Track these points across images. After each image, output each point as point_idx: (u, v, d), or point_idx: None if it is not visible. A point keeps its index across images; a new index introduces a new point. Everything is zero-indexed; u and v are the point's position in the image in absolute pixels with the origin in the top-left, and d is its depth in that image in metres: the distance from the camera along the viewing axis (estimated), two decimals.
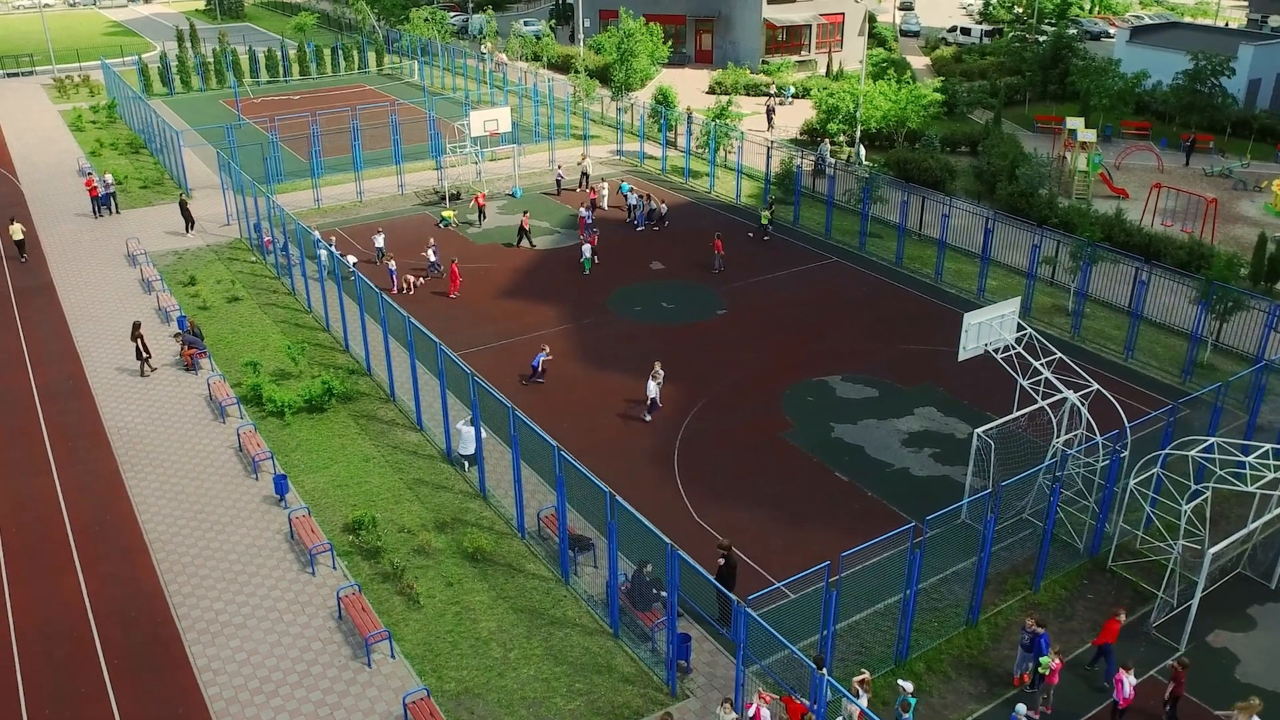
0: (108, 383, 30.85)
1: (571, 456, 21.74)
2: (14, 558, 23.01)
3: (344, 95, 68.18)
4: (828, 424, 28.91)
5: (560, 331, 34.18)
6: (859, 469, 26.78)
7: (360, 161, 48.08)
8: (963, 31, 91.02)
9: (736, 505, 25.05)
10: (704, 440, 27.91)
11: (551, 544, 23.46)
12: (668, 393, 30.16)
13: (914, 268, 39.70)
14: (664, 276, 38.79)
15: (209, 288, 37.42)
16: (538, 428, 22.88)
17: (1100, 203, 46.13)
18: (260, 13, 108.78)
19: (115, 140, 56.92)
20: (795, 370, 31.72)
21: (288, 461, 26.55)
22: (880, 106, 53.06)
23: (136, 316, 34.82)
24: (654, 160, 53.88)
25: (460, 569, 22.56)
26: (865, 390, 30.69)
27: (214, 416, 28.82)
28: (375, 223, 44.11)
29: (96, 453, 27.20)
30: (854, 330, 34.50)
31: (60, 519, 24.45)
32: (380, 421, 28.59)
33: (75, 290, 37.61)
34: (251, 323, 34.77)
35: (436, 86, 70.34)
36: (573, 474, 21.92)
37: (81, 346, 33.18)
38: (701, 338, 33.84)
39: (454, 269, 37.06)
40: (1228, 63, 57.85)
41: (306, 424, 28.36)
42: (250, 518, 24.32)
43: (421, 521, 24.16)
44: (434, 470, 26.33)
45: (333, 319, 34.55)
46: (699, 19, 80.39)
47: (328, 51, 75.36)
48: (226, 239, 42.64)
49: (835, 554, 23.04)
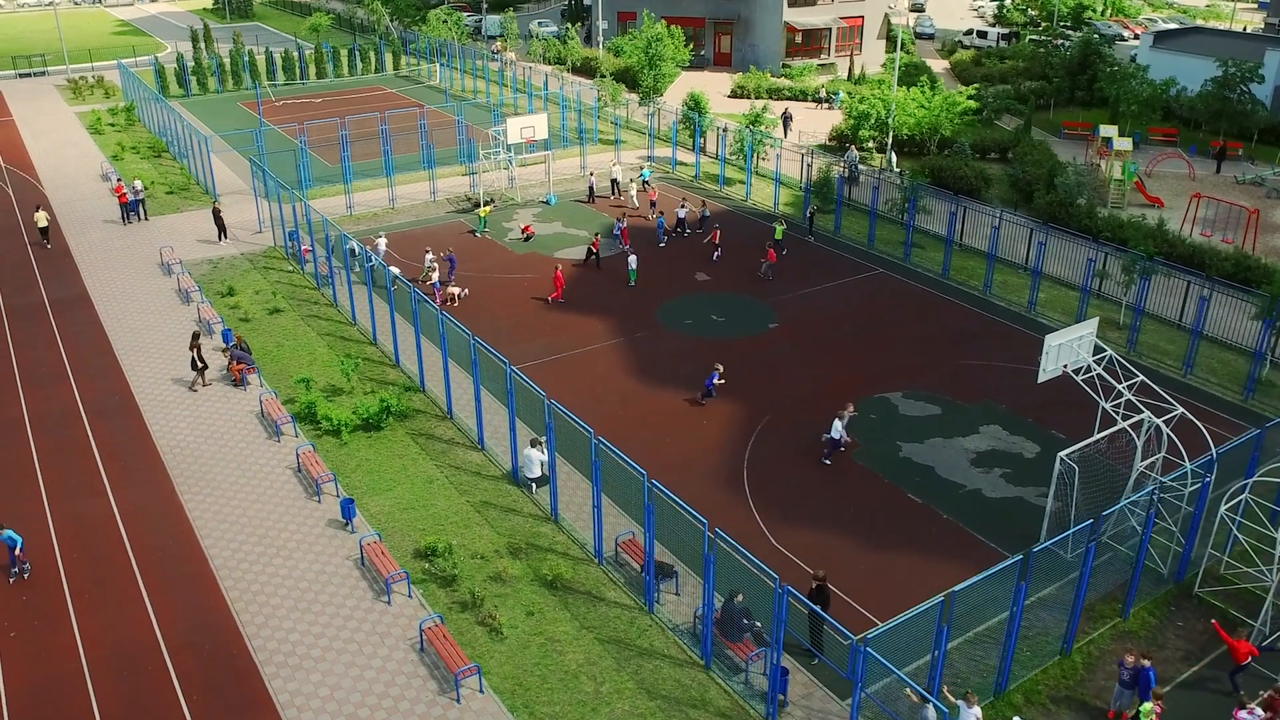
0: (155, 398, 30.19)
1: (661, 485, 21.16)
2: (79, 585, 22.37)
3: (365, 97, 67.47)
4: (894, 443, 28.41)
5: (612, 346, 33.61)
6: (931, 491, 26.29)
7: (391, 167, 47.38)
8: (979, 35, 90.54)
9: (813, 529, 24.53)
10: (772, 460, 27.38)
11: (629, 570, 22.91)
12: (730, 410, 29.66)
13: (960, 279, 39.23)
14: (710, 288, 38.24)
15: (248, 299, 36.76)
16: (624, 455, 22.27)
17: (1134, 211, 45.63)
18: (269, 12, 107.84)
19: (136, 144, 56.11)
20: (855, 386, 31.20)
21: (349, 483, 25.95)
22: (913, 114, 52.56)
23: (176, 327, 34.27)
24: (685, 166, 53.30)
25: (540, 597, 21.99)
26: (928, 408, 30.20)
27: (268, 435, 28.18)
28: (409, 230, 43.50)
29: (150, 473, 26.55)
30: (908, 344, 34.00)
31: (121, 543, 23.81)
32: (439, 440, 27.98)
33: (111, 301, 36.90)
34: (295, 335, 34.11)
35: (456, 89, 69.65)
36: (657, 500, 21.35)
37: (124, 360, 32.50)
38: (756, 352, 33.31)
39: (558, 275, 36.70)
40: (1257, 69, 57.53)
41: (364, 443, 27.75)
42: (317, 543, 23.70)
43: (494, 547, 23.58)
44: (500, 492, 25.74)
45: (380, 332, 33.90)
46: (718, 21, 79.82)
47: (344, 53, 74.58)
48: (260, 247, 41.96)
49: (919, 581, 22.71)
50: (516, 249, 41.93)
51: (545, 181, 50.20)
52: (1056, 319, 35.83)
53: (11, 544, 22.38)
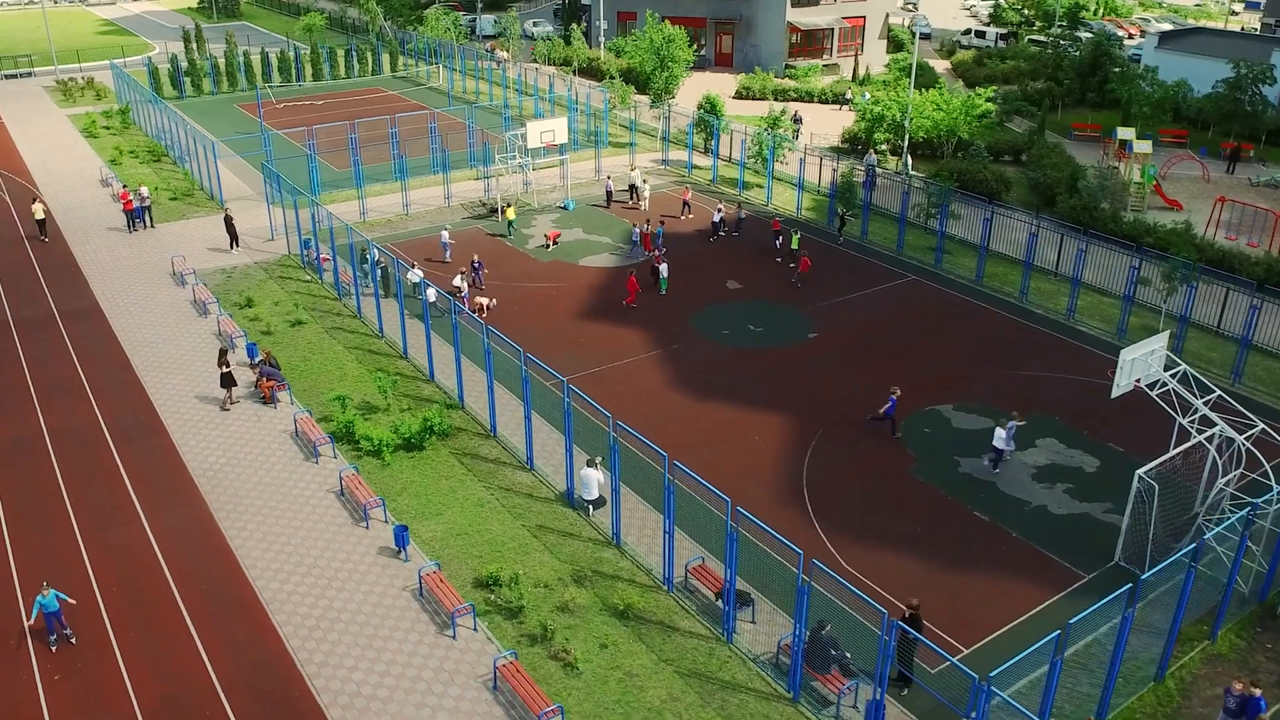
0: (181, 417, 28.92)
1: (747, 513, 20.22)
2: (122, 621, 21.15)
3: (365, 99, 66.06)
4: (952, 458, 27.64)
5: (650, 358, 32.64)
6: (996, 508, 25.54)
7: (406, 171, 46.15)
8: (977, 35, 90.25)
9: (881, 550, 23.68)
10: (831, 477, 26.54)
11: (700, 597, 21.97)
12: (781, 424, 28.79)
13: (994, 286, 38.55)
14: (742, 296, 37.35)
15: (268, 310, 35.49)
16: (701, 479, 21.30)
17: (1154, 215, 45.11)
18: (256, 12, 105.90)
19: (134, 148, 54.50)
20: (904, 398, 30.37)
21: (395, 507, 24.84)
22: (931, 116, 51.91)
23: (195, 341, 33.01)
24: (701, 169, 52.39)
25: (612, 628, 21.01)
26: (980, 420, 29.44)
27: (305, 456, 27.00)
28: (427, 237, 42.31)
29: (184, 497, 25.33)
30: (950, 354, 33.26)
31: (161, 574, 22.60)
32: (485, 460, 26.91)
33: (124, 313, 35.51)
34: (321, 349, 32.91)
35: (458, 91, 68.31)
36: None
37: (144, 376, 31.18)
38: (799, 363, 32.46)
39: (633, 279, 35.89)
40: (1270, 70, 57.35)
41: (407, 464, 26.63)
42: (370, 572, 22.59)
43: (557, 574, 22.57)
44: (556, 515, 24.72)
45: (412, 346, 32.72)
46: (719, 21, 78.97)
47: (341, 53, 73.06)
48: (274, 255, 40.65)
49: (997, 604, 21.93)
50: (540, 257, 40.85)
51: (559, 186, 49.15)
52: (1096, 327, 35.24)
53: (51, 611, 20.09)
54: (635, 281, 36.24)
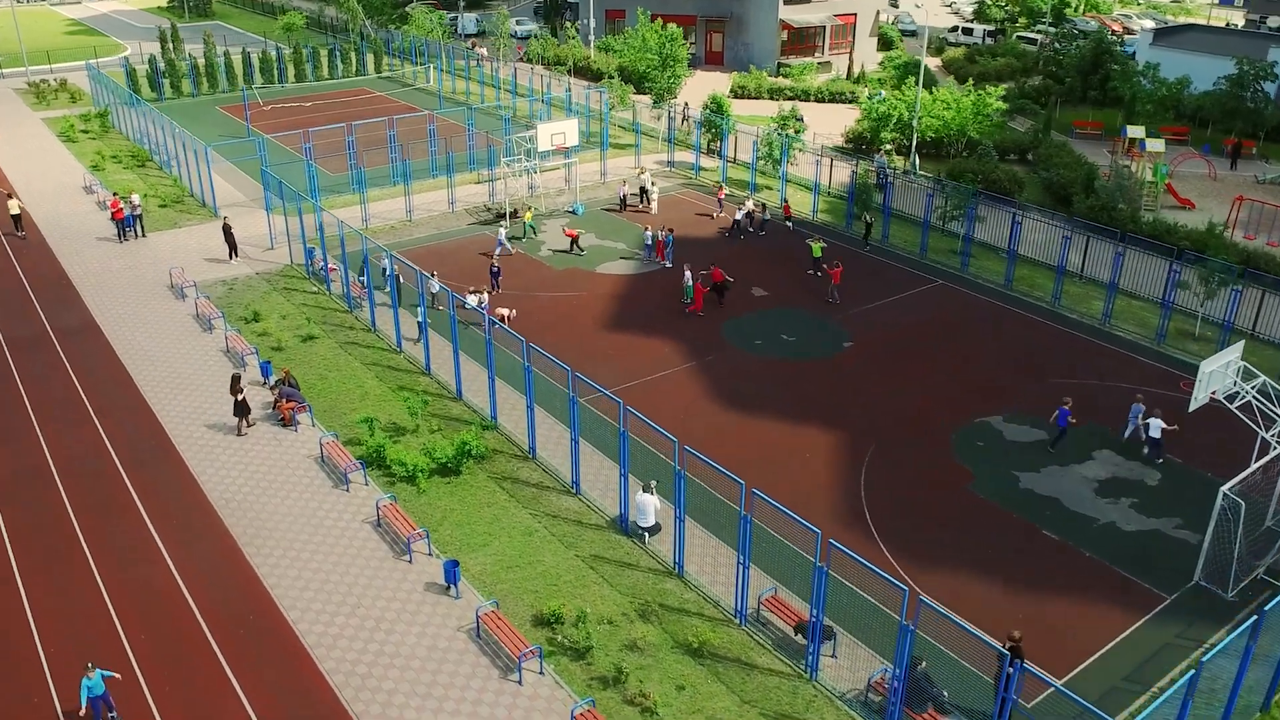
0: (195, 442, 27.17)
1: (840, 544, 18.97)
2: (155, 670, 19.49)
3: (354, 100, 64.05)
4: (1010, 472, 26.59)
5: (685, 370, 31.32)
6: (1065, 525, 24.51)
7: (408, 175, 44.43)
8: (964, 32, 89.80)
9: (954, 574, 22.54)
10: (889, 495, 25.38)
11: (774, 630, 20.70)
12: (832, 440, 27.60)
13: (1023, 290, 37.62)
14: (769, 304, 36.12)
15: (276, 324, 33.73)
16: (786, 509, 19.98)
17: (1166, 214, 44.45)
18: (230, 11, 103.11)
19: (117, 152, 52.25)
20: (951, 410, 29.36)
21: (437, 539, 23.32)
22: (941, 115, 50.99)
23: (202, 359, 31.22)
24: (709, 171, 51.11)
25: (686, 667, 19.67)
26: (1033, 432, 28.44)
27: (334, 484, 25.38)
28: (432, 244, 40.70)
29: (209, 531, 23.64)
30: (990, 362, 32.26)
31: (192, 616, 20.95)
32: (526, 485, 25.45)
33: (123, 329, 33.60)
34: (338, 366, 31.24)
35: (446, 91, 66.45)
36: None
37: (150, 397, 29.36)
38: (838, 374, 31.30)
39: (698, 288, 34.75)
40: (1272, 67, 57.12)
41: (444, 491, 25.11)
42: (420, 612, 21.08)
43: (620, 609, 21.19)
44: (610, 544, 23.33)
45: (436, 362, 31.12)
46: (710, 19, 77.75)
47: (324, 53, 70.97)
48: (275, 265, 38.84)
49: (1086, 630, 20.87)
50: (555, 264, 39.37)
51: (566, 190, 47.72)
52: (1133, 331, 34.41)
53: (98, 695, 18.04)
54: (701, 288, 34.98)
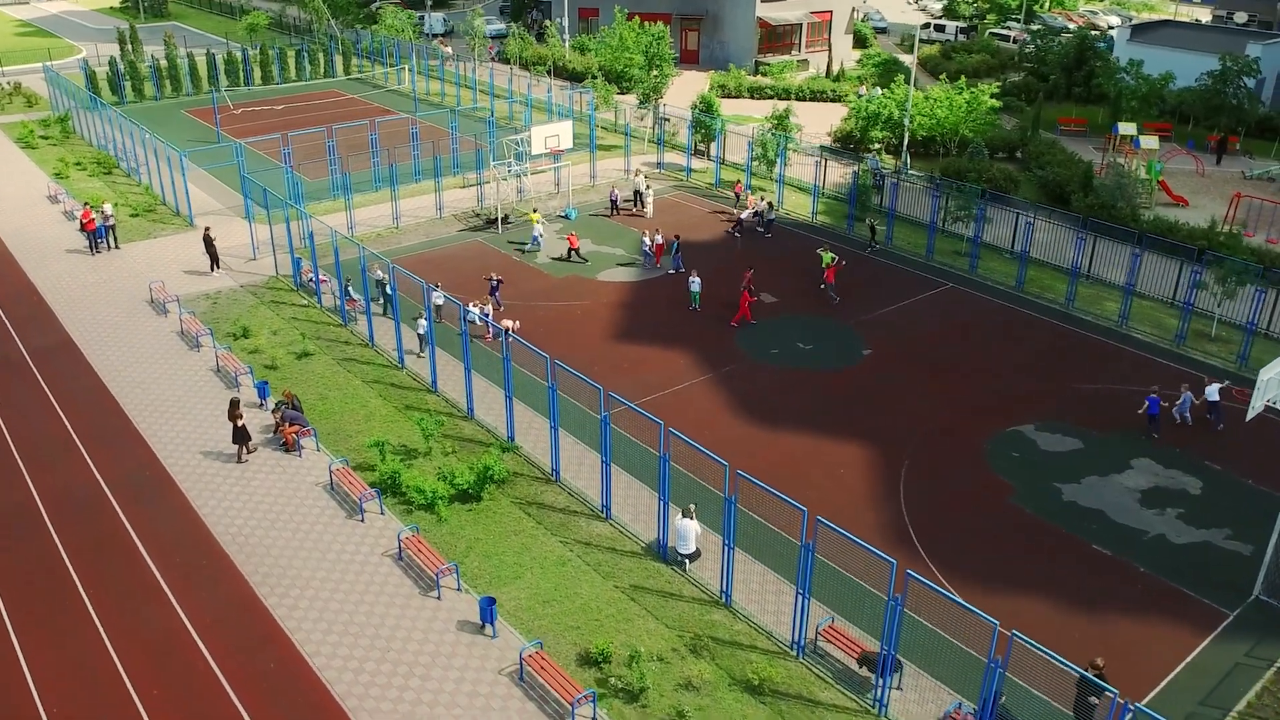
0: (193, 471, 25.45)
1: (920, 577, 17.88)
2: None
3: (327, 103, 61.94)
4: (1050, 484, 25.76)
5: (703, 383, 30.12)
6: (1114, 539, 23.72)
7: (395, 180, 42.69)
8: (936, 28, 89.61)
9: (1009, 594, 21.61)
10: (932, 512, 24.40)
11: (833, 662, 19.59)
12: (864, 454, 26.57)
13: (1034, 292, 36.91)
14: (779, 310, 35.04)
15: (267, 340, 32.00)
16: (858, 539, 18.83)
17: (1161, 211, 44.10)
18: (186, 11, 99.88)
19: (80, 159, 49.85)
20: (980, 419, 28.51)
21: (464, 571, 21.90)
22: (934, 114, 50.28)
23: (192, 379, 29.43)
24: (700, 173, 49.91)
25: (748, 707, 18.49)
26: (1067, 441, 27.65)
27: (348, 514, 23.83)
28: (424, 253, 39.09)
29: (216, 569, 22.02)
30: (1012, 368, 31.46)
31: (207, 667, 19.36)
32: (553, 510, 24.09)
33: (104, 349, 31.65)
34: (338, 384, 29.62)
35: (420, 93, 64.54)
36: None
37: (140, 423, 27.54)
38: (861, 384, 30.30)
39: (745, 296, 33.60)
40: (1255, 63, 57.18)
41: (465, 518, 23.68)
42: (456, 655, 19.67)
43: (669, 644, 19.95)
44: (649, 572, 22.07)
45: (444, 379, 29.61)
46: (685, 17, 76.56)
47: (291, 55, 68.70)
48: (260, 277, 37.00)
49: (1157, 652, 20.05)
50: (555, 272, 37.96)
51: (556, 193, 46.33)
52: (1150, 333, 33.84)
53: None
54: (749, 296, 33.91)
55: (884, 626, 17.89)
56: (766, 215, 41.91)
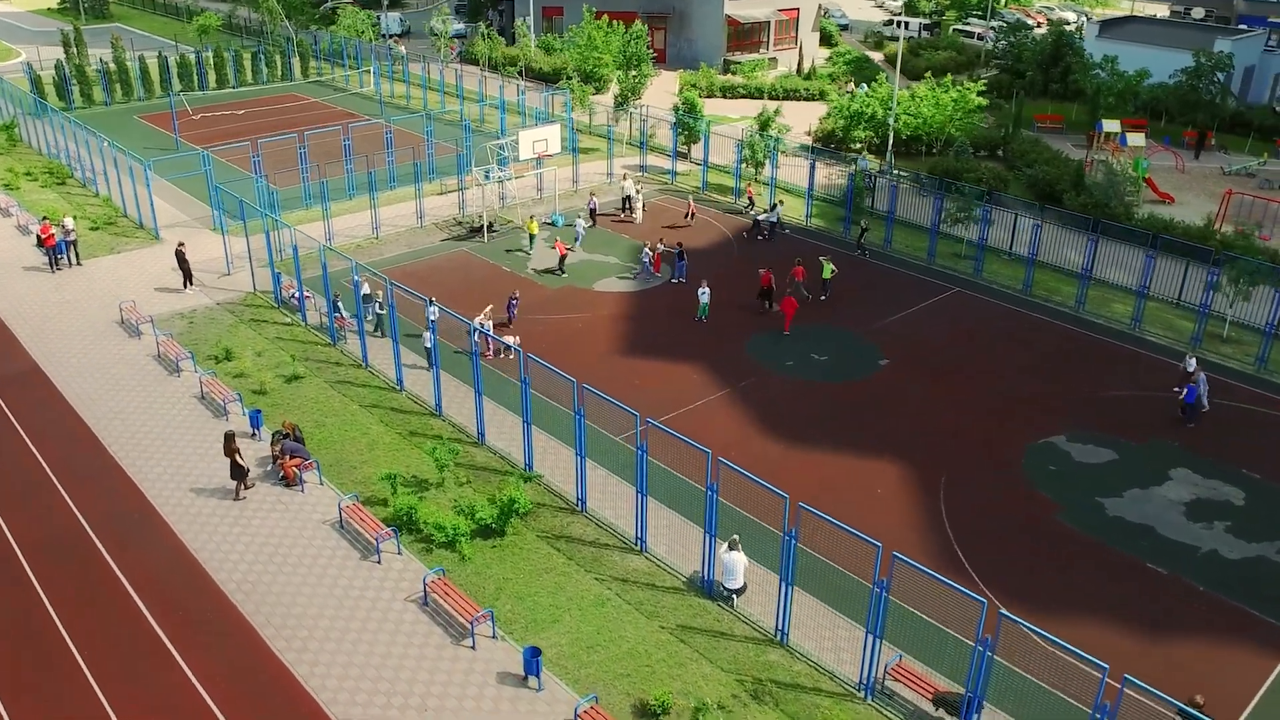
0: (187, 512, 23.46)
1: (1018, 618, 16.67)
2: None
3: (291, 108, 59.41)
4: (1092, 498, 24.86)
5: (721, 399, 28.77)
6: (1167, 556, 22.88)
7: (373, 187, 40.66)
8: (900, 25, 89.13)
9: (1079, 622, 20.56)
10: (979, 533, 23.33)
11: (903, 704, 18.35)
12: (901, 472, 25.44)
13: (1042, 295, 36.16)
14: (784, 319, 33.77)
15: (252, 363, 29.97)
16: (949, 580, 17.59)
17: (1148, 209, 43.83)
18: (129, 12, 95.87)
19: (30, 169, 46.93)
20: (1010, 430, 27.58)
21: (497, 615, 20.24)
22: (922, 112, 49.48)
23: (174, 409, 27.38)
24: (686, 177, 48.55)
25: None
26: (1100, 452, 26.80)
27: (361, 554, 22.05)
28: (407, 264, 37.22)
29: (222, 621, 20.15)
30: (1032, 376, 30.59)
31: None
32: (582, 543, 22.55)
33: (74, 375, 29.37)
34: (334, 410, 27.74)
35: (385, 96, 62.28)
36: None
37: (123, 459, 25.42)
38: (884, 396, 29.19)
39: (789, 302, 32.58)
40: (1229, 59, 57.37)
41: (490, 556, 22.04)
42: (498, 711, 18.07)
43: (728, 690, 18.57)
44: (694, 610, 20.65)
45: (450, 401, 27.85)
46: (652, 16, 75.10)
47: (248, 57, 65.99)
48: (237, 293, 34.86)
49: (1236, 677, 19.13)
50: (549, 283, 36.33)
51: (538, 199, 44.67)
52: (1164, 336, 33.27)
53: None
54: (794, 302, 32.81)
55: (970, 669, 16.68)
56: (770, 219, 40.76)
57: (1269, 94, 66.02)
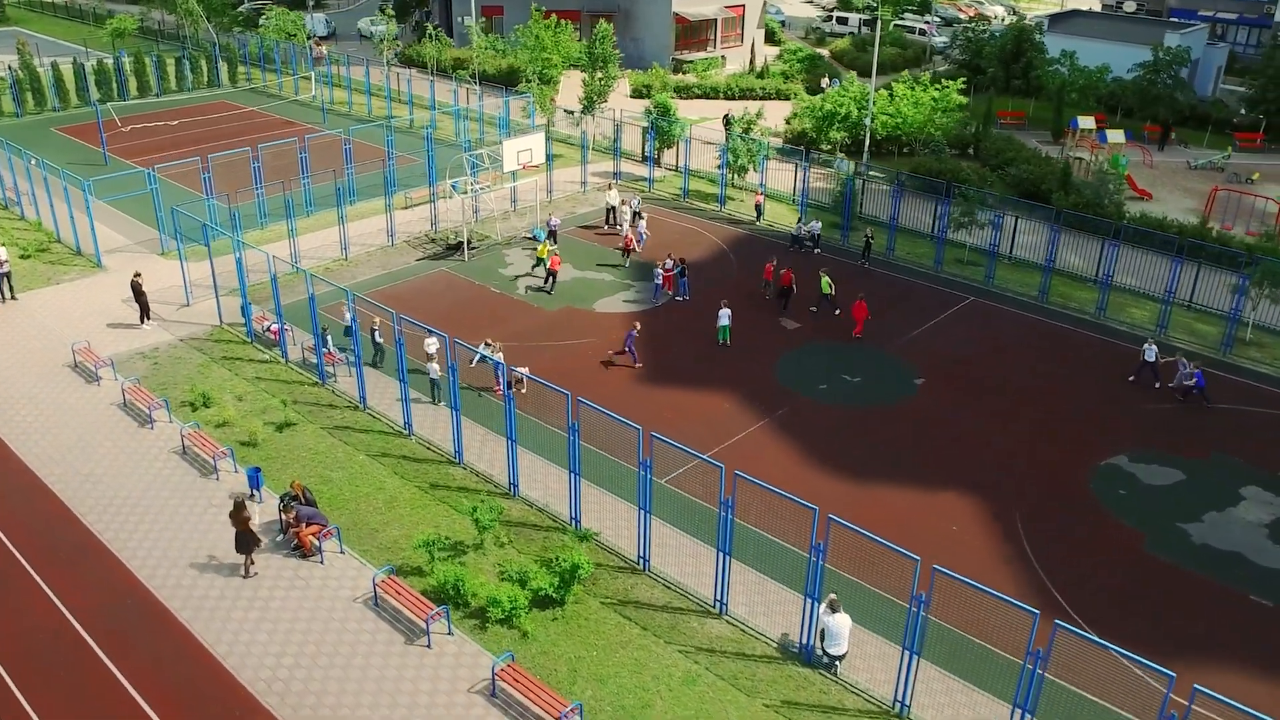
0: (190, 595, 20.32)
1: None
2: None
3: (227, 117, 55.12)
4: (1173, 524, 23.54)
5: (760, 431, 26.64)
6: (1268, 586, 21.65)
7: (342, 201, 37.30)
8: (839, 21, 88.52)
9: (1218, 671, 18.95)
10: (1073, 573, 21.72)
11: None
12: (970, 505, 23.68)
13: (1059, 302, 34.95)
14: (805, 338, 31.91)
15: (234, 409, 26.71)
16: (1134, 655, 15.66)
17: (1132, 205, 43.36)
18: (26, 15, 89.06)
19: None
20: (1068, 452, 26.15)
21: (589, 711, 17.73)
22: (902, 112, 48.11)
23: (150, 467, 24.08)
24: (663, 184, 46.25)
25: None
26: (1166, 472, 25.53)
27: (406, 639, 19.27)
28: (386, 288, 34.18)
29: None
30: (1072, 388, 29.29)
31: None
32: (653, 609, 20.17)
33: (29, 433, 25.71)
34: (339, 462, 24.73)
35: (314, 102, 58.40)
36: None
37: (104, 532, 22.08)
38: (927, 418, 27.48)
39: (861, 304, 31.61)
40: (1187, 53, 57.56)
41: (554, 631, 19.50)
42: None
43: None
44: (795, 681, 18.48)
45: (475, 448, 25.08)
46: (595, 14, 72.53)
47: (171, 63, 61.24)
48: (201, 327, 31.41)
49: None
50: (547, 305, 33.67)
51: (510, 212, 41.97)
52: (1191, 342, 32.30)
53: None
54: (864, 306, 31.60)
55: None
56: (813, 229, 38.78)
57: (1212, 87, 66.85)
